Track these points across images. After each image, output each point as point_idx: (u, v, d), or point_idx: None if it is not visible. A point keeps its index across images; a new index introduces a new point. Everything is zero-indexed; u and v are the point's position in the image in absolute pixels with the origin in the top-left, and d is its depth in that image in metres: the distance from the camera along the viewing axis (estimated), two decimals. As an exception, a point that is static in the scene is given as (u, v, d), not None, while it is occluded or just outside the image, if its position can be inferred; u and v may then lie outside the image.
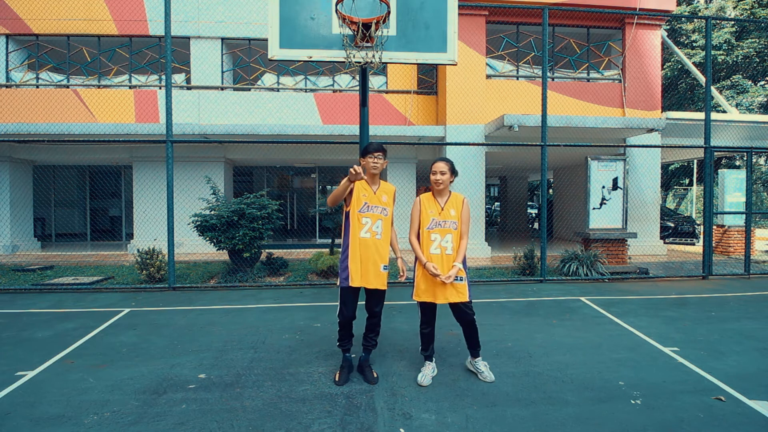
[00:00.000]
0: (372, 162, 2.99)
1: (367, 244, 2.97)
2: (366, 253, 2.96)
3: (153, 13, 9.91)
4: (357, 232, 2.97)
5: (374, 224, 2.98)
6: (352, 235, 2.99)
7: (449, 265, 2.96)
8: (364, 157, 3.02)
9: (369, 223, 2.98)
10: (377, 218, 2.99)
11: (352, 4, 4.20)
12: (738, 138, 10.77)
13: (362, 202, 2.99)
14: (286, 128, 9.12)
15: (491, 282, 6.62)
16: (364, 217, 2.98)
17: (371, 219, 2.98)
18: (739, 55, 17.24)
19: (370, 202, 3.00)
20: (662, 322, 4.53)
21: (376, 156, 2.98)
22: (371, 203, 3.00)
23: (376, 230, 2.99)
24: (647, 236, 10.02)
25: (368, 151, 3.01)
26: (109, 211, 13.29)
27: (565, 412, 2.66)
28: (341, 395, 2.87)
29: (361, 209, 2.98)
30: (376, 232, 2.99)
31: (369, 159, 3.00)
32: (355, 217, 2.99)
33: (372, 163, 2.99)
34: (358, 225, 2.97)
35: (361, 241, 2.97)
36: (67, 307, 5.20)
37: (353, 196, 3.01)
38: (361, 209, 2.98)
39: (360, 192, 3.01)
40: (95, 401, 2.79)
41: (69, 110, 9.78)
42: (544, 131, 6.60)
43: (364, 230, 2.97)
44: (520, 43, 9.97)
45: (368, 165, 3.00)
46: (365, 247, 2.97)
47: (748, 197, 7.32)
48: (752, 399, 2.82)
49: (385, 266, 3.00)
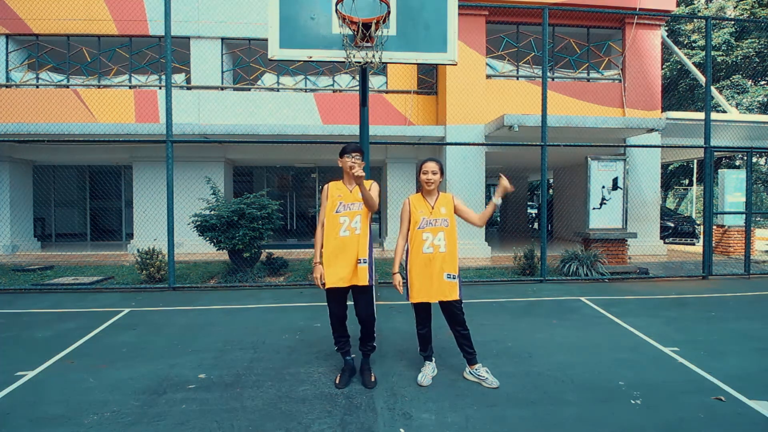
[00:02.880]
0: (350, 162, 3.00)
1: (346, 242, 2.96)
2: (345, 252, 2.95)
3: (153, 13, 9.90)
4: (335, 232, 2.97)
5: (352, 221, 2.98)
6: (327, 236, 2.99)
7: (444, 263, 2.97)
8: (342, 158, 3.04)
9: (347, 222, 2.97)
10: (355, 215, 2.99)
11: (352, 4, 4.20)
12: (738, 138, 10.77)
13: (337, 203, 3.00)
14: (286, 128, 9.11)
15: (491, 282, 6.62)
16: (341, 216, 2.98)
17: (349, 217, 2.98)
18: (738, 56, 17.24)
19: (346, 201, 3.01)
20: (662, 322, 4.53)
21: (354, 156, 3.00)
22: (347, 201, 3.01)
23: (354, 227, 2.98)
24: (647, 236, 10.02)
25: (346, 151, 3.02)
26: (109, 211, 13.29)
27: (566, 412, 2.66)
28: (341, 395, 2.87)
29: (337, 210, 2.99)
30: (355, 228, 2.98)
31: (347, 159, 3.01)
32: (330, 219, 2.99)
33: (350, 163, 3.00)
34: (336, 225, 2.97)
35: (341, 241, 2.95)
36: (67, 307, 5.20)
37: (328, 201, 3.03)
38: (336, 210, 2.99)
39: (334, 194, 3.03)
40: (95, 401, 2.78)
41: (69, 110, 9.77)
42: (544, 131, 6.60)
43: (342, 229, 2.96)
44: (520, 43, 9.97)
45: (345, 165, 3.03)
46: (344, 246, 2.95)
47: (748, 197, 7.32)
48: (752, 399, 2.82)
49: (363, 260, 2.97)
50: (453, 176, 9.39)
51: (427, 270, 2.98)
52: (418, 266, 3.01)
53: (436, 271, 2.97)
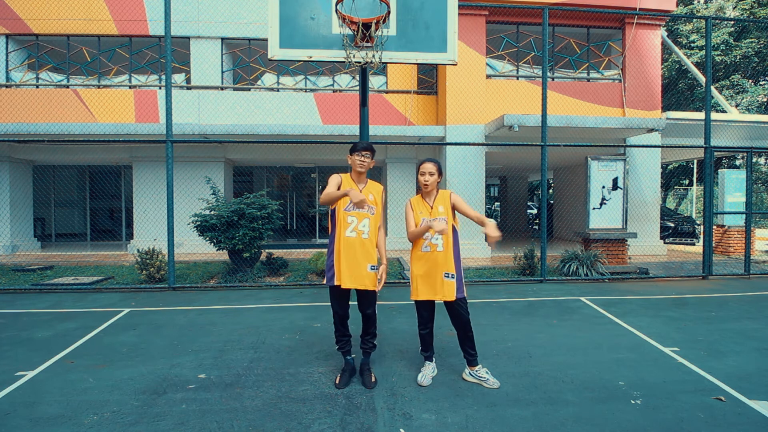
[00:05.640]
0: (359, 160, 2.99)
1: (353, 243, 2.92)
2: (351, 252, 2.91)
3: (153, 13, 9.91)
4: (342, 231, 2.93)
5: (360, 223, 2.94)
6: (337, 234, 2.95)
7: (443, 261, 2.96)
8: (352, 155, 3.03)
9: (354, 222, 2.93)
10: (363, 217, 2.95)
11: (352, 4, 4.20)
12: (738, 138, 10.77)
13: (348, 200, 2.95)
14: (286, 128, 9.11)
15: (491, 282, 6.62)
16: (350, 216, 2.94)
17: (357, 218, 2.94)
18: (737, 55, 17.23)
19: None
20: (662, 322, 4.53)
21: (363, 154, 2.99)
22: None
23: (362, 229, 2.94)
24: (647, 236, 10.02)
25: (356, 149, 3.01)
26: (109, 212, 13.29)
27: (565, 412, 2.66)
28: (341, 395, 2.87)
29: (347, 207, 2.95)
30: (363, 231, 2.94)
31: (356, 157, 3.00)
32: (340, 215, 2.96)
33: (359, 161, 2.99)
34: (344, 224, 2.94)
35: (346, 241, 2.92)
36: (67, 307, 5.20)
37: (340, 190, 2.99)
38: (346, 207, 2.95)
39: (346, 188, 2.99)
40: (95, 401, 2.78)
41: (69, 110, 9.78)
42: (544, 131, 6.60)
43: (349, 229, 2.93)
44: (520, 43, 9.97)
45: (355, 163, 3.01)
46: (351, 247, 2.92)
47: (748, 197, 7.32)
48: (752, 399, 2.82)
49: (372, 266, 2.95)
50: (453, 176, 9.40)
51: (427, 269, 2.99)
52: (418, 265, 3.03)
53: (435, 270, 2.97)
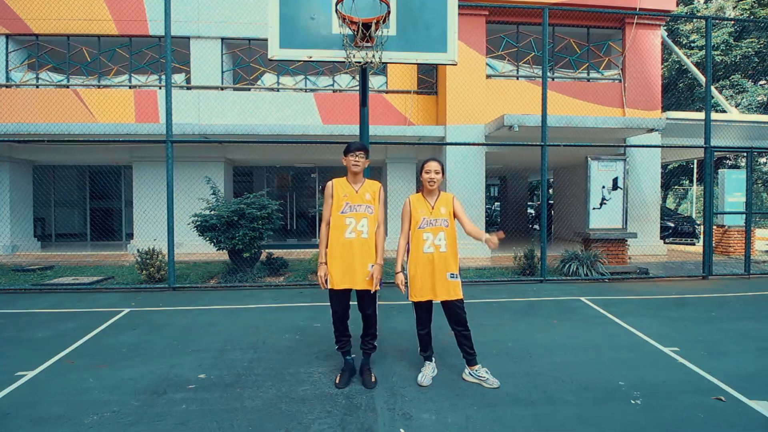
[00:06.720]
0: (353, 160, 2.98)
1: (352, 244, 2.91)
2: (350, 254, 2.90)
3: (153, 13, 9.90)
4: (341, 234, 2.92)
5: (359, 223, 2.93)
6: (333, 237, 2.94)
7: (445, 262, 2.97)
8: (346, 156, 3.02)
9: (353, 223, 2.92)
10: (362, 217, 2.95)
11: (352, 4, 4.20)
12: (738, 138, 10.77)
13: (342, 203, 2.95)
14: (286, 128, 9.11)
15: (491, 282, 6.62)
16: (347, 217, 2.93)
17: (355, 219, 2.93)
18: (737, 55, 17.23)
19: (352, 202, 2.96)
20: (662, 322, 4.53)
21: (357, 154, 2.98)
22: (353, 202, 2.96)
23: (361, 229, 2.93)
24: (647, 236, 10.02)
25: (349, 150, 3.00)
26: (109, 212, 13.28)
27: (566, 412, 2.66)
28: (341, 395, 2.87)
29: (343, 210, 2.94)
30: (362, 231, 2.93)
31: (350, 158, 2.99)
32: (336, 219, 2.95)
33: (353, 161, 2.98)
34: (342, 227, 2.92)
35: (346, 243, 2.91)
36: (67, 307, 5.20)
37: (333, 199, 2.99)
38: (342, 210, 2.94)
39: (340, 193, 2.98)
40: (95, 401, 2.78)
41: (69, 110, 9.77)
42: (544, 131, 6.60)
43: (348, 231, 2.92)
44: (520, 43, 9.96)
45: (349, 164, 3.00)
46: (350, 248, 2.91)
47: (748, 197, 7.32)
48: (752, 399, 2.82)
49: (373, 265, 2.95)
50: (453, 176, 9.39)
51: (428, 270, 2.98)
52: (419, 266, 3.02)
53: (437, 271, 2.97)
